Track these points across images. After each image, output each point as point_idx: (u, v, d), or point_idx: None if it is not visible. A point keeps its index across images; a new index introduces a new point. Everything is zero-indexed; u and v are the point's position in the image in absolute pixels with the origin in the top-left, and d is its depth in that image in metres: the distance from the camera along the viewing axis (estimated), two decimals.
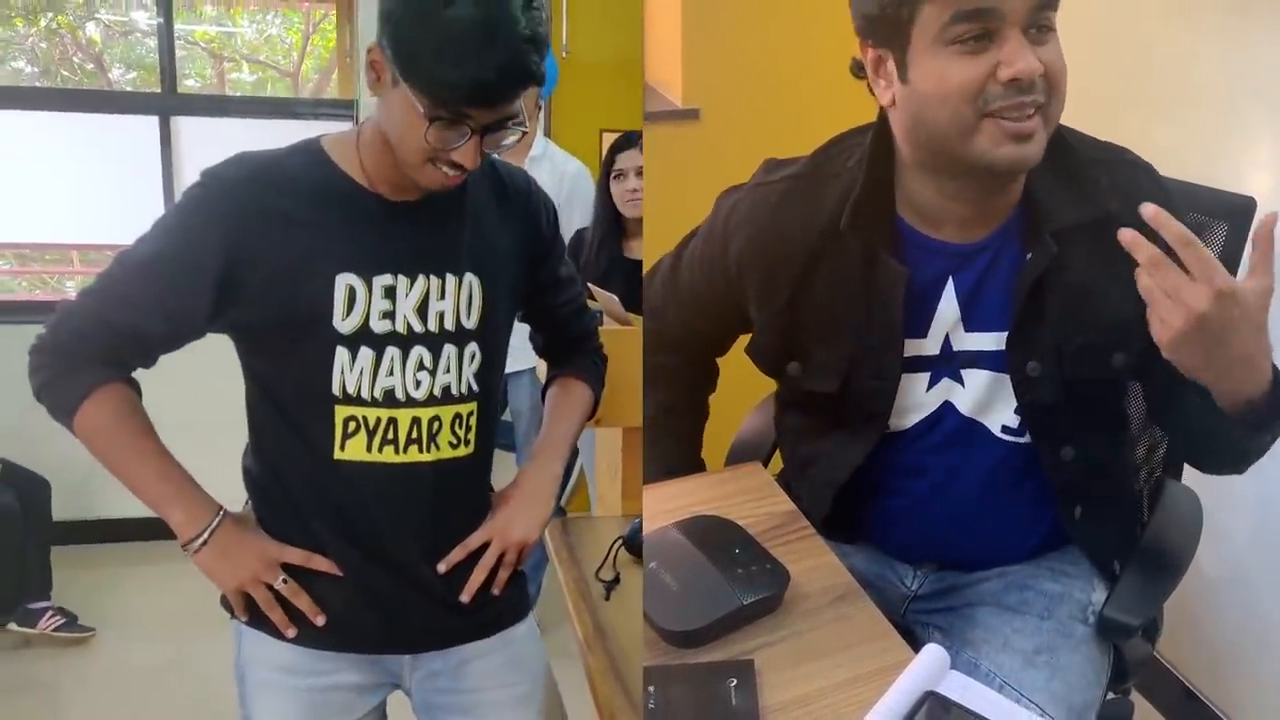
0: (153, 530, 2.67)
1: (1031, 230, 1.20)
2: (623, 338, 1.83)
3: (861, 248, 1.22)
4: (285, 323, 1.19)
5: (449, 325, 1.24)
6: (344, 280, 1.18)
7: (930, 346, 1.26)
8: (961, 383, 1.27)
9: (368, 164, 1.21)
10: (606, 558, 1.45)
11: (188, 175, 3.77)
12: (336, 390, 1.21)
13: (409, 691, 1.37)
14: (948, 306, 1.24)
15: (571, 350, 1.50)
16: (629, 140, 2.64)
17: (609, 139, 3.53)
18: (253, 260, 1.17)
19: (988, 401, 1.27)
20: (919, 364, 1.27)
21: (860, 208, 1.21)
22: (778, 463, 1.59)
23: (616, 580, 1.43)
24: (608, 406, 1.62)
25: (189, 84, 5.90)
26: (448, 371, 1.24)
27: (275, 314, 1.19)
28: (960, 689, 0.99)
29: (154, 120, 3.74)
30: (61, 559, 3.08)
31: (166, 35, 3.74)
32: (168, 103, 3.78)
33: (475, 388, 1.27)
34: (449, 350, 1.24)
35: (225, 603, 1.30)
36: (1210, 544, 1.37)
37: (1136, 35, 2.35)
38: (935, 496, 1.32)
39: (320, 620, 1.26)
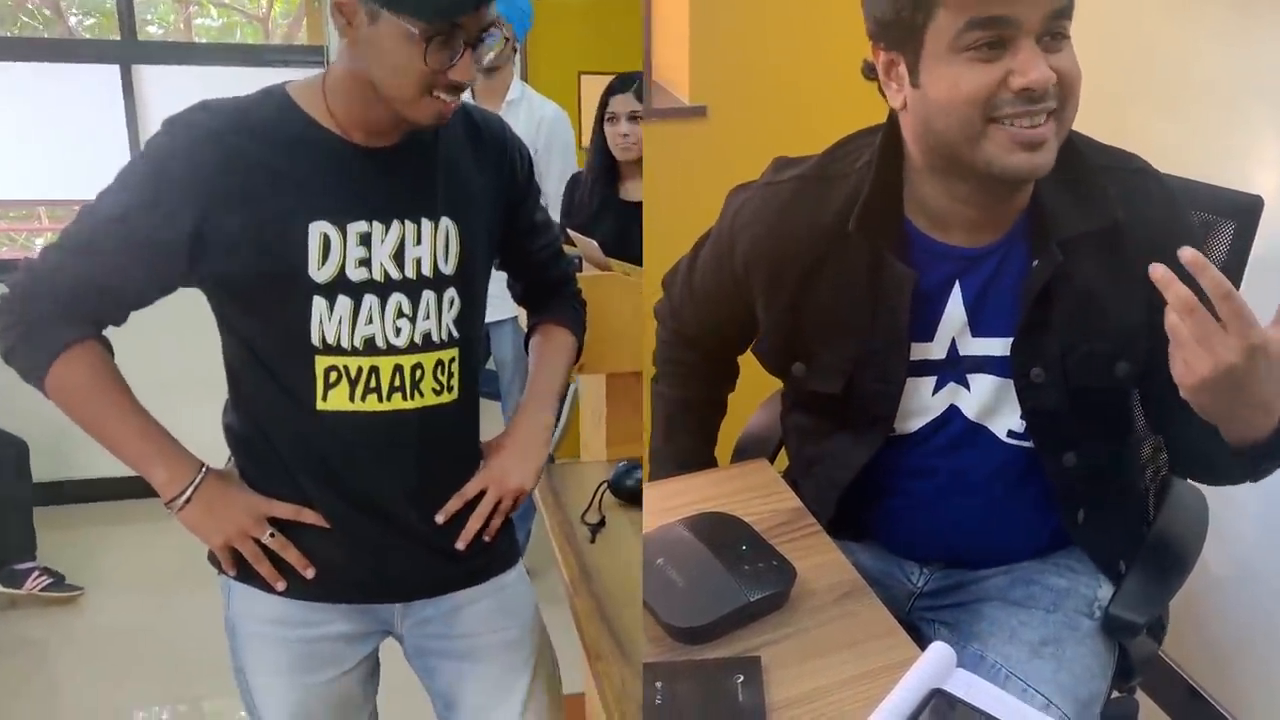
0: (131, 489, 2.68)
1: (1039, 237, 1.19)
2: (603, 283, 1.83)
3: (868, 250, 1.22)
4: (261, 274, 1.18)
5: (426, 271, 1.23)
6: (317, 229, 1.17)
7: (936, 350, 1.26)
8: (968, 387, 1.27)
9: (338, 110, 1.18)
10: (592, 501, 1.48)
11: (152, 125, 3.65)
12: (316, 340, 1.20)
13: (400, 638, 1.38)
14: (954, 310, 1.24)
15: (550, 296, 1.51)
16: (623, 83, 2.60)
17: (588, 81, 3.47)
18: (227, 211, 1.15)
19: (994, 406, 1.27)
20: (925, 368, 1.27)
21: (869, 209, 1.20)
22: (783, 458, 1.60)
23: (602, 523, 1.45)
24: (591, 353, 1.62)
25: (151, 30, 5.63)
26: (427, 318, 1.24)
27: (250, 265, 1.17)
28: (966, 687, 0.99)
29: (115, 69, 3.56)
30: (42, 520, 3.09)
31: None
32: (129, 50, 3.59)
33: (456, 334, 1.27)
34: (428, 296, 1.23)
35: (212, 558, 1.29)
36: (1216, 543, 1.37)
37: (1139, 32, 2.35)
38: (940, 499, 1.32)
39: (309, 573, 1.26)
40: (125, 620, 2.95)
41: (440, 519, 1.29)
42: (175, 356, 2.71)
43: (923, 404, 1.29)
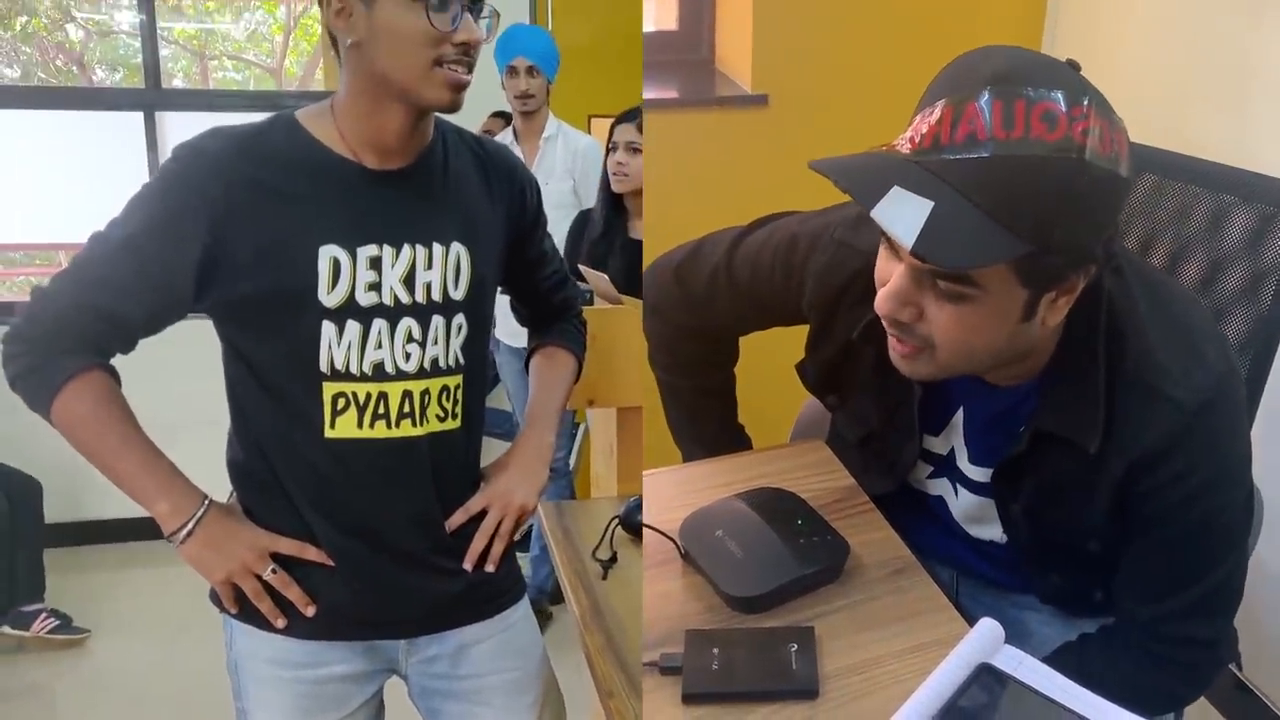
0: (140, 531, 2.72)
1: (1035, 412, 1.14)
2: (616, 317, 1.80)
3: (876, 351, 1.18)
4: (270, 298, 1.16)
5: (436, 296, 1.22)
6: (328, 252, 1.15)
7: (940, 446, 1.28)
8: (956, 494, 1.29)
9: (347, 130, 1.17)
10: (603, 537, 1.42)
11: None
12: (324, 366, 1.18)
13: (405, 677, 1.37)
14: (957, 423, 1.24)
15: (554, 319, 1.50)
16: (629, 115, 2.59)
17: (597, 124, 3.55)
18: (237, 235, 1.13)
19: (978, 516, 1.28)
20: (928, 456, 1.29)
21: (873, 323, 1.15)
22: None
23: (614, 559, 1.40)
24: (602, 387, 1.60)
25: (174, 82, 5.83)
26: (436, 343, 1.22)
27: (259, 289, 1.15)
28: (1015, 663, 1.01)
29: (139, 116, 3.65)
30: (52, 561, 3.04)
31: (150, 32, 3.64)
32: (151, 98, 3.69)
33: (462, 360, 1.26)
34: (437, 321, 1.22)
35: (214, 597, 1.27)
36: (1269, 535, 1.36)
37: (1200, 26, 2.33)
38: (954, 537, 1.35)
39: (310, 610, 1.24)
40: (132, 664, 2.89)
41: (448, 528, 1.28)
42: (179, 394, 2.61)
43: (922, 479, 1.32)
